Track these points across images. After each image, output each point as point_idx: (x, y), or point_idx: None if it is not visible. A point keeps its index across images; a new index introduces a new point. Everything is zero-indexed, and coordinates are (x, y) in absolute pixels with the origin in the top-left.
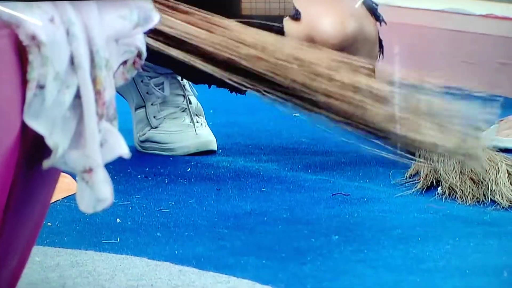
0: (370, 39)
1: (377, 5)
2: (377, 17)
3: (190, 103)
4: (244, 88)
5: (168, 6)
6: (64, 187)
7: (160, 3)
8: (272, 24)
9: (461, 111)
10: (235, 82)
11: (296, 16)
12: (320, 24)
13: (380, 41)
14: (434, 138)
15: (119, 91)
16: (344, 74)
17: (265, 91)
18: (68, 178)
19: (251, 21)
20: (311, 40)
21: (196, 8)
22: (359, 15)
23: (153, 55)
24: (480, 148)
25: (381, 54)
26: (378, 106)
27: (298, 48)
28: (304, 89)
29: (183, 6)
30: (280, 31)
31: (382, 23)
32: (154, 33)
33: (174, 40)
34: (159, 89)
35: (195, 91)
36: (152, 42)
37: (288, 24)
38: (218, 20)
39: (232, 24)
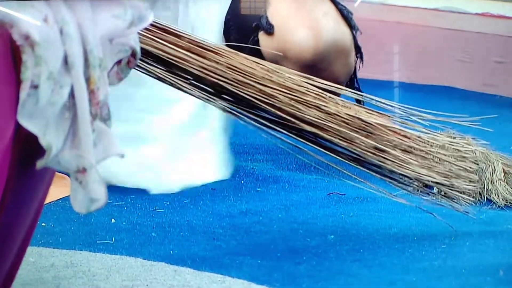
0: (345, 49)
1: (352, 13)
2: (351, 25)
3: None
4: (229, 113)
5: (159, 28)
6: (61, 186)
7: (151, 25)
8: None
9: (447, 145)
10: (220, 107)
11: (269, 30)
12: (293, 38)
13: (358, 48)
14: (419, 173)
15: None
16: (332, 105)
17: (249, 117)
18: (67, 179)
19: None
20: (285, 55)
21: (186, 32)
22: (333, 26)
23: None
24: (461, 187)
25: (361, 62)
26: (365, 139)
27: (287, 76)
28: (291, 118)
29: (174, 29)
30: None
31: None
32: (143, 54)
33: (163, 62)
34: None
35: None
36: (140, 64)
37: (262, 38)
38: (207, 44)
39: (221, 48)
